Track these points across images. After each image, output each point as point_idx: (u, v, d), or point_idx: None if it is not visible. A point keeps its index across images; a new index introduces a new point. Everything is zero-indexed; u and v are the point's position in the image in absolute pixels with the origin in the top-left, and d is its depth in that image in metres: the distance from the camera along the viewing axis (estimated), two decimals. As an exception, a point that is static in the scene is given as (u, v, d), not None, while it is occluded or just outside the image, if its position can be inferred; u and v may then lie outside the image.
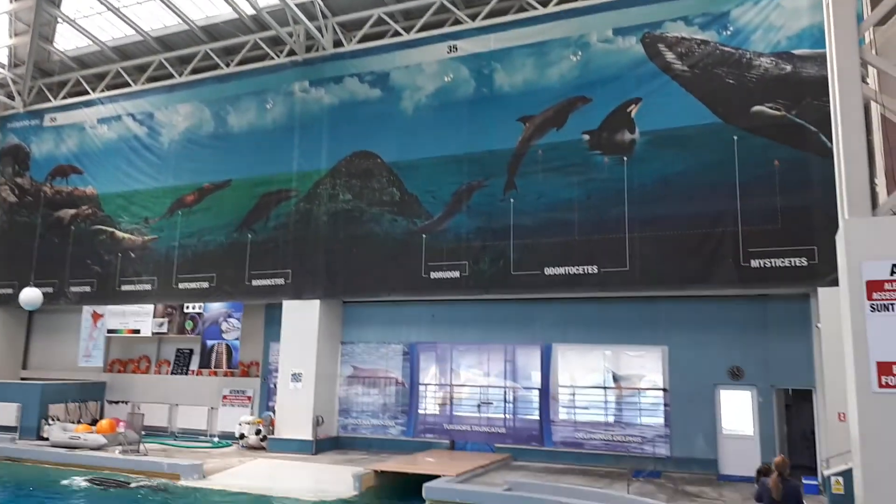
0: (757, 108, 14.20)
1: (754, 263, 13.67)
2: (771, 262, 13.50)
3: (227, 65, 20.48)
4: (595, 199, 15.34)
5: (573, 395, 16.27)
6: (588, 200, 15.40)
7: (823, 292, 12.52)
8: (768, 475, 7.82)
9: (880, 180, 10.77)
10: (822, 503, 10.84)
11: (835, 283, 10.31)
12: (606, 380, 16.06)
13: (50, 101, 23.11)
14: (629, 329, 15.88)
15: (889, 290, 8.37)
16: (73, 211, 21.84)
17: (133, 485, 14.20)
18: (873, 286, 8.43)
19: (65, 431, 17.17)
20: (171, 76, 21.27)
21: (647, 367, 15.75)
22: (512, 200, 16.16)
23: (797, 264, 13.29)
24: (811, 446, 14.01)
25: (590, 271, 15.16)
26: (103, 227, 21.20)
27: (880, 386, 8.25)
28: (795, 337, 14.31)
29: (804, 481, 12.05)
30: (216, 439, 18.72)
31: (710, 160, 14.45)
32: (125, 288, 20.40)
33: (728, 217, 14.02)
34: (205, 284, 19.29)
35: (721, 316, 15.11)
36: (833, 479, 10.42)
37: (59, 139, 22.78)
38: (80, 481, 14.26)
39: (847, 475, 9.94)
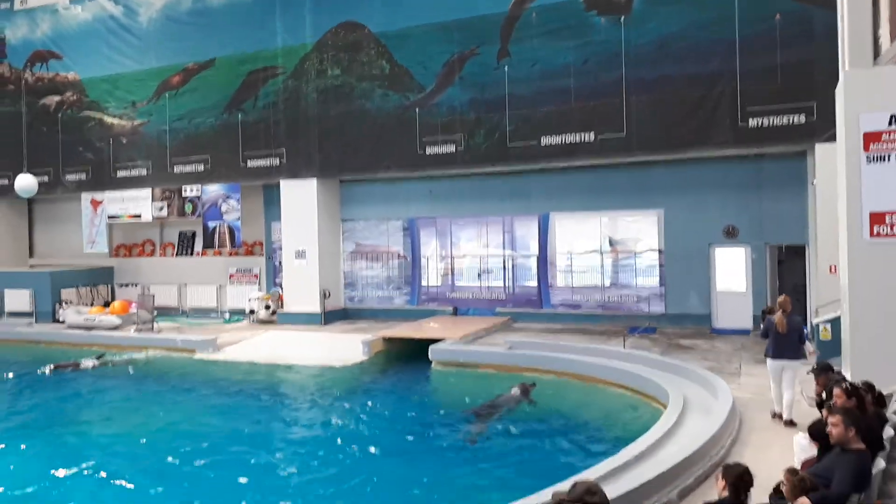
0: (760, -42, 13.56)
1: (752, 123, 13.59)
2: (769, 121, 13.43)
3: (201, -68, 19.25)
4: (592, 64, 14.99)
5: (570, 260, 16.70)
6: (584, 65, 15.04)
7: (820, 149, 12.56)
8: (773, 314, 8.52)
9: (884, 30, 10.51)
10: (810, 350, 11.41)
11: (832, 139, 10.35)
12: (603, 245, 16.42)
13: (17, -20, 21.92)
14: (625, 195, 16.05)
15: (886, 141, 8.43)
16: (57, 98, 21.32)
17: (89, 363, 14.36)
18: (870, 137, 8.48)
19: (79, 314, 17.73)
20: (141, -52, 20.06)
21: (643, 230, 16.07)
22: (506, 69, 15.78)
23: (795, 122, 13.23)
24: (802, 299, 14.58)
25: (587, 139, 15.08)
26: (91, 114, 20.79)
27: (872, 235, 8.52)
28: (790, 195, 14.52)
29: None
30: (227, 316, 19.35)
31: (709, 17, 13.99)
32: (121, 174, 20.32)
33: (727, 76, 13.78)
34: (200, 167, 19.20)
35: (717, 177, 15.26)
36: (821, 326, 10.93)
37: (32, 23, 21.81)
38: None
39: (835, 322, 10.44)
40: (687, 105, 14.16)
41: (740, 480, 4.32)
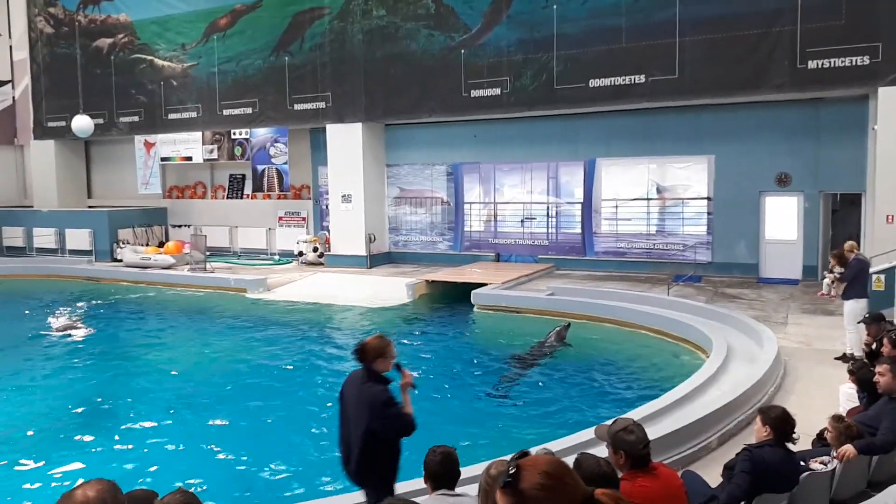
0: None
1: (811, 65, 13.01)
2: (830, 63, 12.83)
3: None
4: (644, 2, 14.47)
5: (616, 207, 16.52)
6: (636, 3, 14.54)
7: (883, 92, 12.01)
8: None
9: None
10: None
11: (897, 81, 9.90)
12: (650, 192, 16.16)
13: (66, -79, 22.03)
14: (675, 140, 15.67)
15: (955, 85, 8.02)
16: (110, 40, 21.63)
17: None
18: (938, 81, 8.08)
19: (136, 253, 18.45)
20: None
21: (692, 177, 15.73)
22: (555, 7, 15.35)
23: (858, 63, 12.61)
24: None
25: (637, 81, 14.68)
26: (142, 56, 21.08)
27: (934, 183, 8.21)
28: (848, 141, 13.96)
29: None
30: (277, 257, 19.85)
31: (770, -48, 13.30)
32: (172, 116, 20.68)
33: (786, 14, 13.14)
34: (248, 110, 19.40)
35: (771, 122, 14.75)
36: (874, 276, 10.67)
37: (82, -36, 22.02)
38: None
39: (889, 273, 10.19)
40: (743, 45, 13.60)
41: (783, 422, 4.21)
